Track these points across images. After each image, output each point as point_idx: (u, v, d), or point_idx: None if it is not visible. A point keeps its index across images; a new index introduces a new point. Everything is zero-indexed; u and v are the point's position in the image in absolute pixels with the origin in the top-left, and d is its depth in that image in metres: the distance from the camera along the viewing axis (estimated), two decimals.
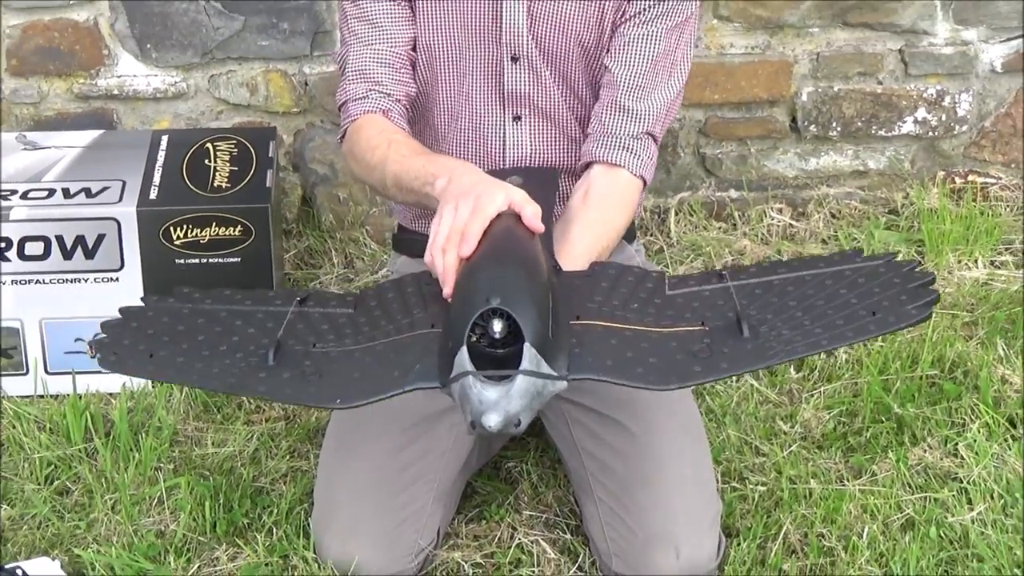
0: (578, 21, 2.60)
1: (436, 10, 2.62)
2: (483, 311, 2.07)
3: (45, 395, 3.16)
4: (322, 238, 3.75)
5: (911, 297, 2.31)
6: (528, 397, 2.05)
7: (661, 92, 2.64)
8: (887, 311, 2.27)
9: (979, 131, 3.92)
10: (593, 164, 2.63)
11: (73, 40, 3.61)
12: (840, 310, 2.29)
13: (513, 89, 2.65)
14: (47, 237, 3.09)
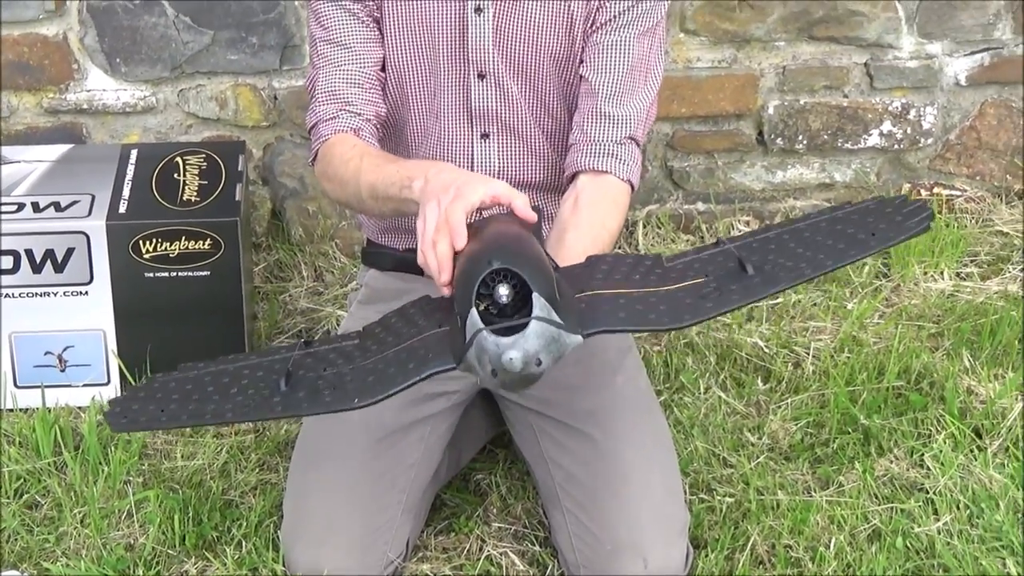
0: (547, 32, 2.60)
1: (404, 29, 2.61)
2: (487, 276, 2.07)
3: (14, 409, 3.15)
4: (292, 251, 3.75)
5: (906, 217, 2.34)
6: (544, 339, 2.04)
7: (639, 96, 2.64)
8: (885, 231, 2.31)
9: (944, 144, 3.93)
10: (579, 174, 2.62)
11: (42, 55, 3.60)
12: (840, 238, 2.32)
13: (480, 106, 2.64)
14: (16, 251, 3.08)
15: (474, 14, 2.57)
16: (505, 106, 2.64)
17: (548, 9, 2.58)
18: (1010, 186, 3.98)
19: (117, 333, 3.14)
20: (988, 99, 3.90)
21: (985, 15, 3.79)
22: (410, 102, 2.67)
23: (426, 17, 2.59)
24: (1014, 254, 3.73)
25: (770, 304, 3.49)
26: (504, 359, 2.02)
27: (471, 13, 2.57)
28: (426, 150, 2.70)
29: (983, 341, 3.32)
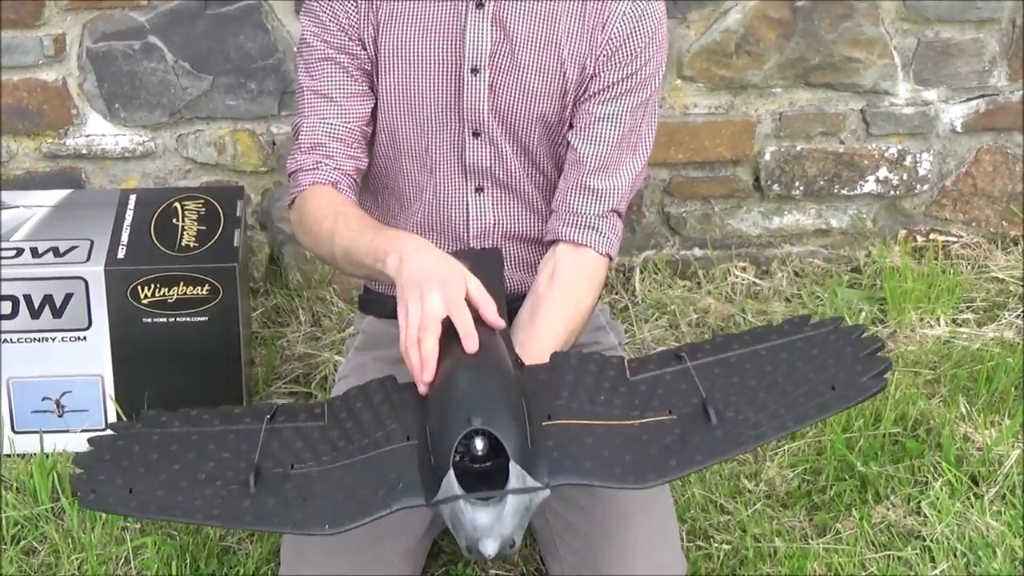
0: (540, 97, 2.60)
1: (401, 85, 2.61)
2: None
3: (12, 454, 3.15)
4: (289, 296, 3.75)
5: (865, 367, 2.34)
6: (519, 515, 2.05)
7: (626, 169, 2.65)
8: (845, 384, 2.30)
9: (940, 190, 3.94)
10: (559, 242, 2.63)
11: (42, 100, 3.61)
12: (800, 386, 2.31)
13: (474, 163, 2.64)
14: (15, 296, 3.08)
15: (470, 74, 2.57)
16: (499, 163, 2.65)
17: (543, 73, 2.59)
18: (1006, 232, 3.99)
19: (115, 378, 3.14)
20: (984, 146, 3.92)
21: (981, 62, 3.81)
22: (403, 155, 2.67)
23: (423, 75, 2.59)
24: (1010, 300, 3.74)
25: None
26: (481, 547, 2.02)
27: (467, 73, 2.57)
28: (421, 203, 2.70)
29: (979, 388, 3.33)
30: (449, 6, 2.55)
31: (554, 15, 2.57)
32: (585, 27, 2.57)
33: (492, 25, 2.55)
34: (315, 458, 2.21)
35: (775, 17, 3.68)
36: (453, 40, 2.56)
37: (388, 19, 2.57)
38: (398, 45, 2.58)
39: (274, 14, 3.58)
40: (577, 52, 2.57)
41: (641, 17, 2.57)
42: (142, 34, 3.58)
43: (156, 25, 3.57)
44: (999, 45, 3.81)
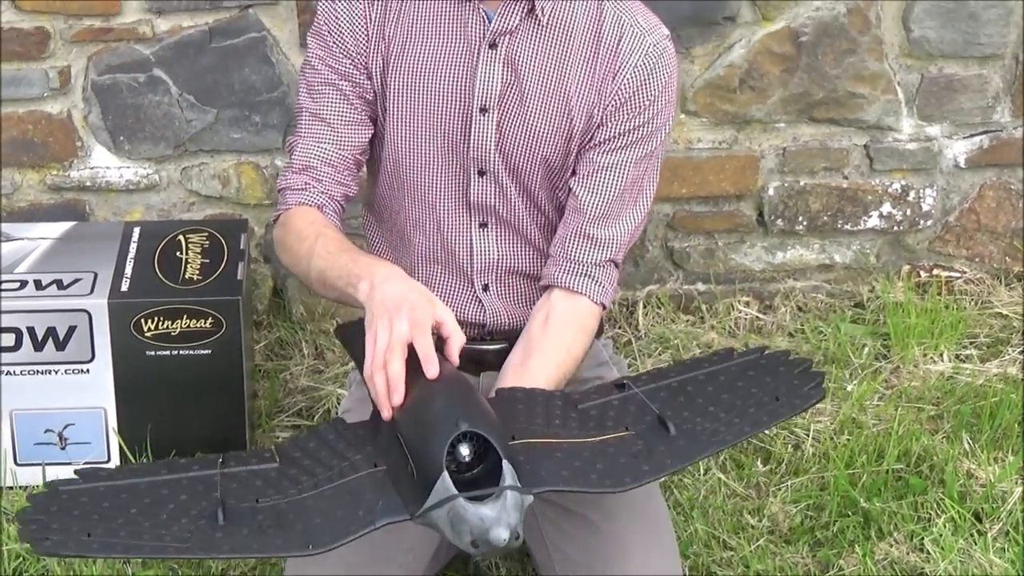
0: (545, 141, 2.61)
1: (408, 118, 2.61)
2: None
3: (14, 486, 3.14)
4: (293, 329, 3.76)
5: (802, 381, 2.46)
6: (519, 510, 2.08)
7: (626, 219, 2.65)
8: (788, 395, 2.41)
9: (944, 226, 3.95)
10: (554, 288, 2.64)
11: (47, 132, 3.62)
12: (746, 399, 2.40)
13: (479, 200, 2.65)
14: (18, 328, 3.08)
15: (479, 113, 2.57)
16: (503, 201, 2.65)
17: (549, 117, 2.59)
18: (1009, 268, 3.99)
19: (118, 411, 3.14)
20: (987, 181, 3.92)
21: (984, 98, 3.82)
22: (409, 187, 2.68)
23: (432, 111, 2.60)
24: (1014, 336, 3.74)
25: None
26: (492, 535, 2.03)
27: (476, 112, 2.58)
28: (425, 235, 2.70)
29: (983, 424, 3.33)
30: (462, 44, 2.56)
31: (565, 60, 2.57)
32: (596, 75, 2.57)
33: (503, 66, 2.55)
34: (280, 492, 2.20)
35: (779, 52, 3.69)
36: (464, 78, 2.56)
37: (399, 52, 2.57)
38: (408, 79, 2.58)
39: (279, 47, 3.59)
40: (585, 100, 2.58)
41: (653, 70, 2.58)
42: (147, 67, 3.59)
43: (161, 58, 3.58)
44: (1002, 81, 3.82)
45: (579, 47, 2.57)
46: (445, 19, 2.57)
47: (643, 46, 2.58)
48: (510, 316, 2.72)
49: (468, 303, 2.74)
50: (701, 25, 3.66)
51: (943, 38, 3.75)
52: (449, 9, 2.56)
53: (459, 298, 2.74)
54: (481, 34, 2.55)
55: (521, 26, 2.55)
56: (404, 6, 2.58)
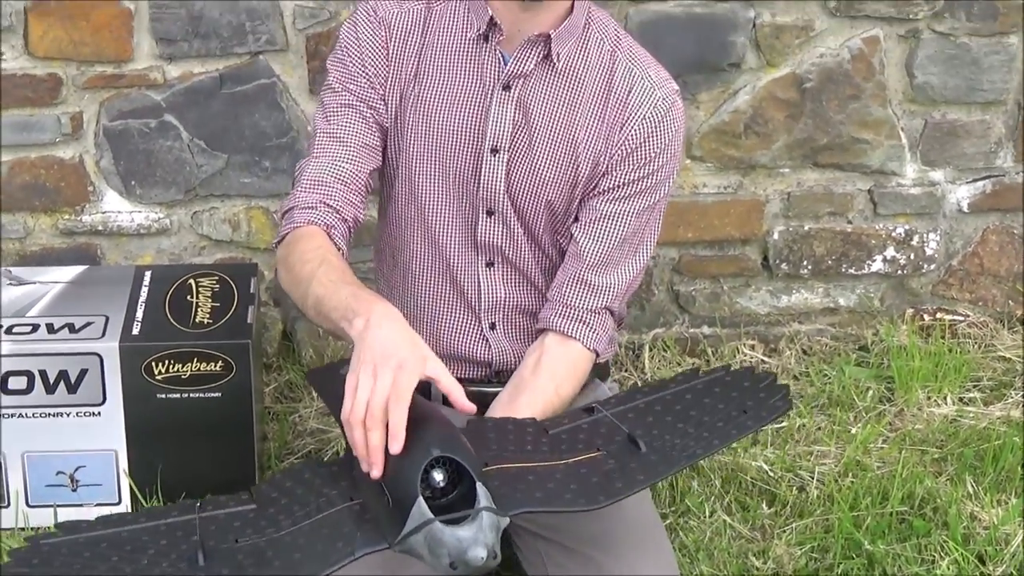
0: (551, 185, 2.63)
1: (421, 154, 2.63)
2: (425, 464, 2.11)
3: (26, 528, 3.15)
4: (302, 372, 3.76)
5: (768, 394, 2.52)
6: (495, 529, 2.10)
7: (625, 269, 2.68)
8: (755, 408, 2.47)
9: (947, 269, 3.97)
10: (548, 331, 2.66)
11: (59, 177, 3.64)
12: (713, 414, 2.46)
13: (486, 240, 2.67)
14: (31, 371, 3.10)
15: (490, 153, 2.60)
16: (510, 242, 2.67)
17: (556, 162, 2.62)
18: (1012, 312, 4.00)
19: (129, 453, 3.15)
20: (990, 225, 3.94)
21: (987, 143, 3.84)
22: (417, 225, 2.70)
23: (445, 148, 2.62)
24: (1016, 380, 3.75)
25: (775, 428, 3.51)
26: (470, 555, 2.05)
27: (487, 152, 2.60)
28: (434, 274, 2.73)
29: (986, 467, 3.33)
30: (476, 84, 2.58)
31: (576, 107, 2.59)
32: (604, 124, 2.60)
33: (515, 108, 2.58)
34: (258, 532, 2.20)
35: (783, 98, 3.71)
36: (477, 118, 2.59)
37: (416, 87, 2.60)
38: (423, 115, 2.61)
39: (288, 93, 3.62)
40: (593, 147, 2.60)
41: (660, 123, 2.60)
42: (158, 112, 3.61)
43: (172, 104, 3.61)
44: (1005, 127, 3.84)
45: (590, 95, 2.60)
46: (462, 58, 2.59)
47: (652, 99, 2.60)
48: (516, 355, 2.74)
49: (475, 341, 2.76)
50: (707, 71, 3.69)
51: (946, 84, 3.78)
52: (466, 49, 2.58)
53: (467, 336, 2.77)
54: (496, 75, 2.57)
55: (536, 70, 2.57)
56: (424, 41, 2.61)
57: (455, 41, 2.60)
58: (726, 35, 3.67)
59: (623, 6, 3.59)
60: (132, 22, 3.52)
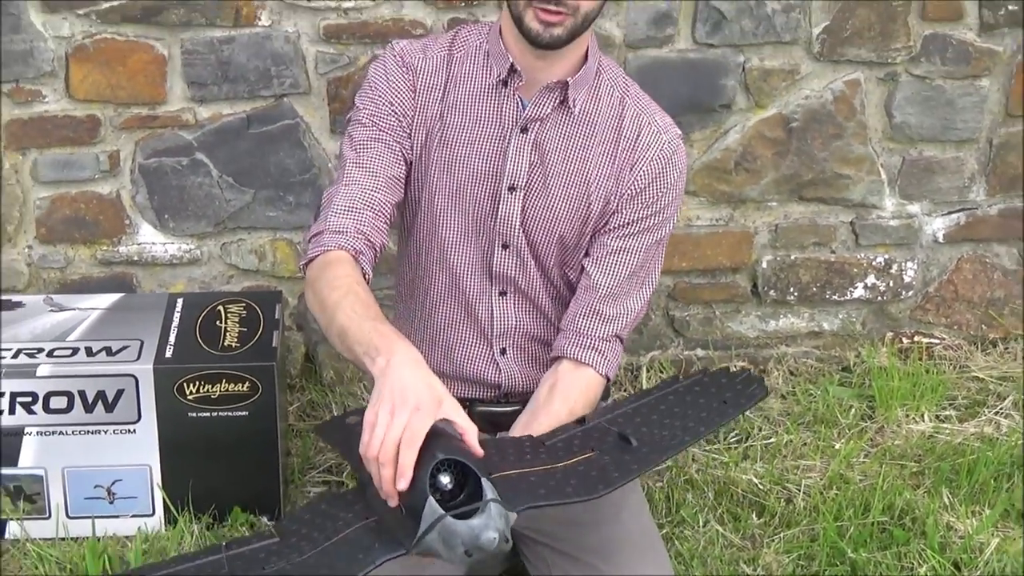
0: (564, 221, 2.64)
1: (443, 191, 2.64)
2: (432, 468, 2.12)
3: (66, 537, 3.16)
4: (323, 392, 3.78)
5: (744, 385, 2.61)
6: (503, 518, 2.10)
7: (634, 299, 2.70)
8: (734, 397, 2.56)
9: (924, 296, 3.98)
10: (563, 359, 2.68)
11: (98, 211, 3.66)
12: (696, 408, 2.54)
13: (501, 271, 2.69)
14: (71, 392, 3.11)
15: (507, 191, 2.61)
16: (523, 273, 2.69)
17: (569, 200, 2.63)
18: (985, 335, 4.01)
19: (162, 468, 3.16)
20: (964, 255, 3.95)
21: (961, 178, 3.86)
22: (436, 256, 2.71)
23: (466, 185, 2.63)
24: (990, 398, 3.76)
25: (763, 443, 3.52)
26: (483, 539, 2.06)
27: (505, 189, 2.62)
28: (450, 302, 2.74)
29: (961, 480, 3.34)
30: (496, 127, 2.60)
31: (589, 149, 2.61)
32: (615, 164, 2.61)
33: (532, 149, 2.60)
34: (283, 559, 2.21)
35: (771, 137, 3.73)
36: (496, 158, 2.60)
37: (440, 128, 2.61)
38: (446, 154, 2.62)
39: (311, 133, 3.64)
40: (604, 186, 2.62)
41: (667, 165, 2.63)
42: (190, 151, 3.63)
43: (203, 143, 3.63)
44: (977, 163, 3.85)
45: (602, 137, 2.62)
46: (483, 102, 2.61)
47: (659, 143, 2.62)
48: (524, 379, 2.76)
49: (487, 365, 2.78)
50: (700, 112, 3.70)
51: (923, 123, 3.79)
52: (487, 93, 2.60)
53: (479, 360, 2.78)
54: (514, 119, 2.59)
55: (552, 114, 2.59)
56: (447, 86, 2.62)
57: (477, 86, 2.61)
58: (718, 79, 3.69)
59: (622, 51, 3.61)
60: (166, 67, 3.54)
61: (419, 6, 3.54)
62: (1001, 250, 3.97)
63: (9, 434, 3.12)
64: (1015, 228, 3.94)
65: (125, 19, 3.49)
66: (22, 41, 3.48)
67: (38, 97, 3.54)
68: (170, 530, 3.16)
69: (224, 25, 3.52)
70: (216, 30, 3.52)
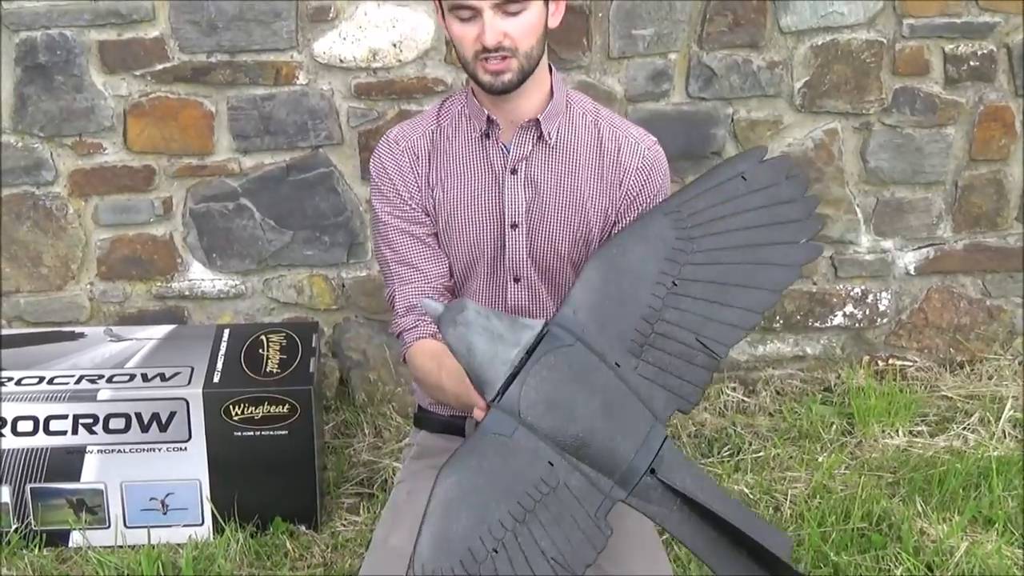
0: (568, 244, 2.60)
1: (453, 244, 2.61)
2: None
3: (124, 546, 3.14)
4: (356, 413, 3.76)
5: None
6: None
7: None
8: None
9: (897, 323, 3.94)
10: None
11: (152, 251, 3.65)
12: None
13: (515, 304, 2.65)
14: (128, 414, 3.10)
15: (511, 229, 2.58)
16: (535, 303, 2.65)
17: (569, 224, 2.59)
18: (953, 358, 3.98)
19: (211, 482, 3.14)
20: (933, 286, 3.92)
21: (929, 217, 3.83)
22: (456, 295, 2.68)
23: (474, 234, 2.59)
24: (958, 415, 3.72)
25: (753, 457, 3.49)
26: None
27: (509, 228, 2.58)
28: None
29: (933, 489, 3.31)
30: (489, 174, 2.57)
31: (575, 173, 2.57)
32: (604, 181, 2.58)
33: (525, 186, 2.57)
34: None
35: None
36: (495, 202, 2.57)
37: (442, 190, 2.58)
38: (451, 210, 2.58)
39: (344, 180, 3.62)
40: (599, 203, 2.59)
41: (651, 171, 2.59)
42: (235, 197, 3.62)
43: (247, 189, 3.62)
44: (944, 203, 3.83)
45: (585, 159, 2.58)
46: (473, 157, 2.58)
47: (639, 153, 2.59)
48: None
49: None
50: (693, 159, 3.68)
51: (894, 168, 3.77)
52: (474, 147, 2.57)
53: None
54: (503, 164, 2.56)
55: (535, 151, 2.56)
56: (440, 153, 2.59)
57: (464, 143, 2.59)
58: (709, 129, 3.67)
59: (623, 104, 3.60)
60: (213, 122, 3.54)
61: (440, 65, 3.52)
62: (967, 281, 3.93)
63: (73, 452, 3.10)
64: (979, 261, 3.90)
65: (177, 79, 3.48)
66: (84, 99, 3.47)
67: (99, 149, 3.53)
68: (218, 538, 3.13)
69: (266, 84, 3.51)
70: (259, 88, 3.51)
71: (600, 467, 2.09)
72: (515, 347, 2.09)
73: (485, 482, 2.02)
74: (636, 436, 2.08)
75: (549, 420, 2.06)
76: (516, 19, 2.38)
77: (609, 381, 2.10)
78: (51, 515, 3.14)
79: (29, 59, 3.43)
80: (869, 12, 3.63)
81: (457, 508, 1.99)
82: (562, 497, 2.06)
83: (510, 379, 2.07)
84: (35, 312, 3.66)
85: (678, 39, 3.59)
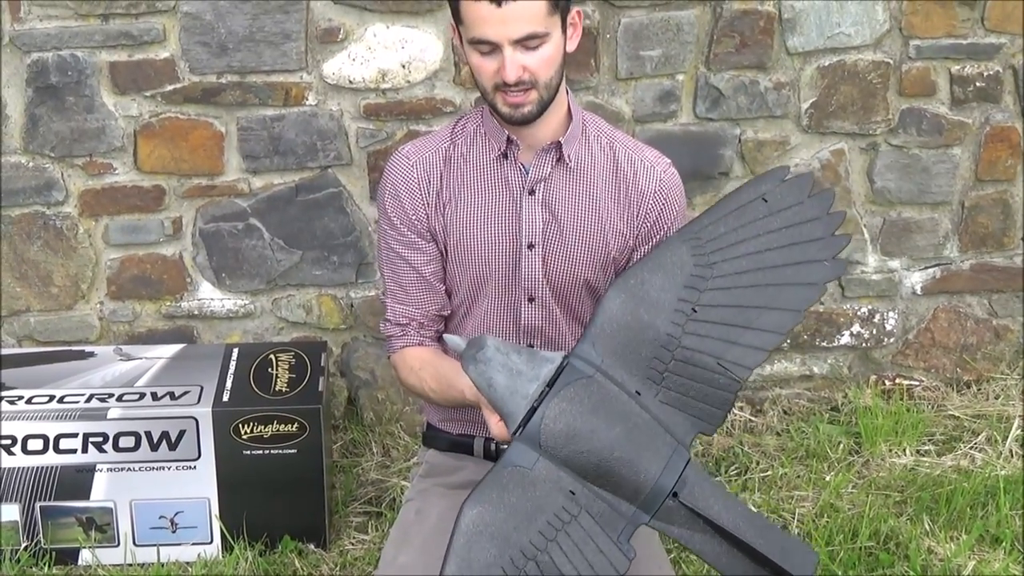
0: (586, 267, 2.60)
1: (466, 263, 2.60)
2: None
3: (133, 563, 3.15)
4: (364, 432, 3.76)
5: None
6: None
7: None
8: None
9: (904, 343, 3.95)
10: None
11: (162, 270, 3.66)
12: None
13: (528, 323, 2.64)
14: (138, 432, 3.10)
15: (527, 249, 2.58)
16: (549, 323, 2.64)
17: (587, 246, 2.58)
18: (960, 377, 3.98)
19: (220, 501, 3.15)
20: (940, 306, 3.92)
21: (936, 237, 3.83)
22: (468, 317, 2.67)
23: (488, 253, 2.59)
24: (964, 434, 3.72)
25: (761, 476, 3.49)
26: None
27: (524, 248, 2.58)
28: None
29: (940, 508, 3.30)
30: (506, 195, 2.56)
31: (594, 195, 2.57)
32: (620, 204, 2.58)
33: (542, 208, 2.57)
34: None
35: None
36: (511, 222, 2.57)
37: (455, 209, 2.57)
38: (465, 229, 2.57)
39: (352, 200, 3.63)
40: (616, 225, 2.59)
41: (667, 196, 2.59)
42: (244, 217, 3.63)
43: (256, 209, 3.63)
44: (950, 223, 3.83)
45: (602, 181, 2.59)
46: (489, 176, 2.58)
47: (655, 176, 2.59)
48: None
49: None
50: (701, 179, 3.69)
51: (901, 188, 3.78)
52: (492, 167, 2.57)
53: None
54: (521, 184, 2.56)
55: (553, 173, 2.56)
56: (453, 171, 2.59)
57: (481, 163, 2.59)
58: (717, 149, 3.68)
59: (631, 125, 3.61)
60: (223, 143, 3.55)
61: (449, 86, 3.54)
62: (973, 300, 3.93)
63: (82, 470, 3.11)
64: (985, 281, 3.91)
65: (187, 100, 3.50)
66: (95, 120, 3.49)
67: (109, 170, 3.54)
68: (227, 556, 3.13)
69: (275, 105, 3.52)
70: (268, 109, 3.53)
71: (623, 493, 2.10)
72: (534, 381, 2.13)
73: (507, 513, 2.06)
74: (658, 460, 2.10)
75: (570, 450, 2.09)
76: (535, 52, 2.38)
77: (630, 409, 2.12)
78: (61, 533, 3.15)
79: (40, 80, 3.45)
80: (876, 33, 3.64)
81: (480, 539, 2.03)
82: (584, 524, 2.09)
83: (531, 412, 2.09)
84: (45, 331, 3.67)
85: (685, 60, 3.60)
